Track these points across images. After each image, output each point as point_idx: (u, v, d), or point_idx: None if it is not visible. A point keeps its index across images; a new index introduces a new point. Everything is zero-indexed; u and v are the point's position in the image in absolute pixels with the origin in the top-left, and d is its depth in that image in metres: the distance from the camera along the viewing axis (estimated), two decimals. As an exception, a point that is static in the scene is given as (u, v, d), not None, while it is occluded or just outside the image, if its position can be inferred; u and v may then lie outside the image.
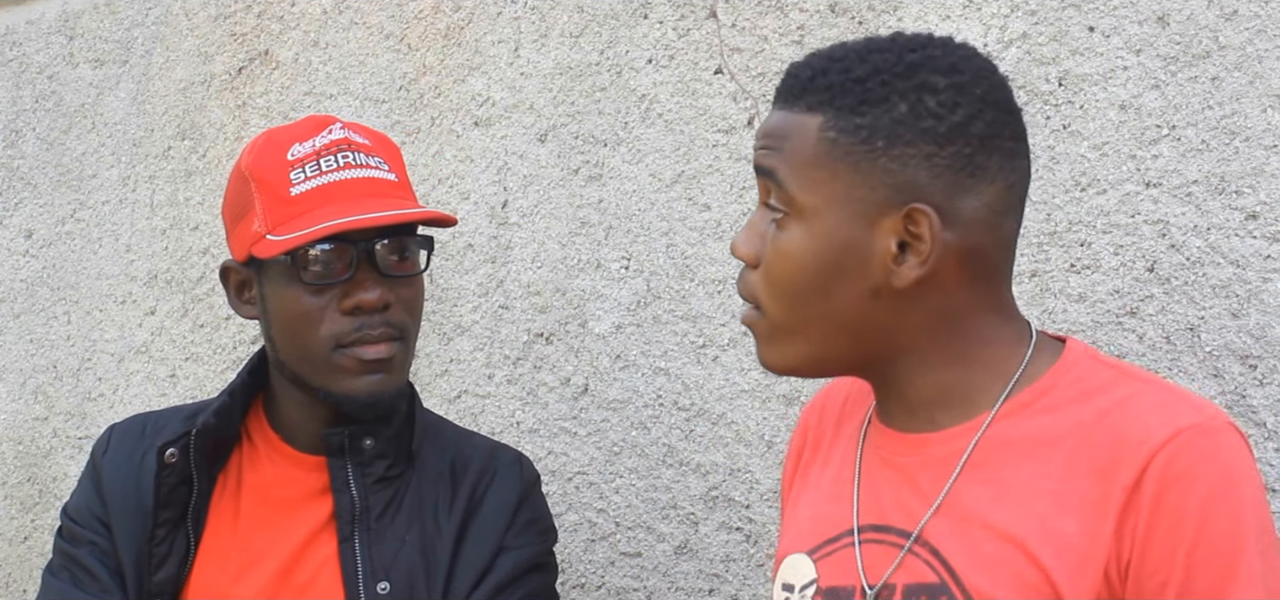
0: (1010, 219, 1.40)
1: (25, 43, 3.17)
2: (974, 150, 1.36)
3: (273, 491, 1.88)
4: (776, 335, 1.42)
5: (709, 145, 2.17)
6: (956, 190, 1.36)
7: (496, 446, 2.01)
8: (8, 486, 3.10)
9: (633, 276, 2.25)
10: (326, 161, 1.82)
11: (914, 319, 1.39)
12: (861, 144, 1.36)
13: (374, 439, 1.86)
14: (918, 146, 1.35)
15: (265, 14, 2.75)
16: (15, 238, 3.14)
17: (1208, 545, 1.28)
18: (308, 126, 1.88)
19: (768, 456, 2.10)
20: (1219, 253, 1.74)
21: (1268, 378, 1.70)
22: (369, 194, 1.82)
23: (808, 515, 1.52)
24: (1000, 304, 1.41)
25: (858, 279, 1.37)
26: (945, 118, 1.36)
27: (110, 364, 2.93)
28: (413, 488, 1.89)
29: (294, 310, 1.82)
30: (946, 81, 1.37)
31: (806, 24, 2.09)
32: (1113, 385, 1.36)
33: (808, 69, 1.42)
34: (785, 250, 1.39)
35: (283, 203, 1.81)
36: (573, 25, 2.34)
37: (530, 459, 2.02)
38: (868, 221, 1.36)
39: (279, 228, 1.80)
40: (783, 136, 1.41)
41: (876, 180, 1.36)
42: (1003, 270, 1.42)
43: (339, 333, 1.81)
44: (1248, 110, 1.73)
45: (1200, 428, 1.31)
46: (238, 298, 1.89)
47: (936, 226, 1.35)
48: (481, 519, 1.90)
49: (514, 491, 1.93)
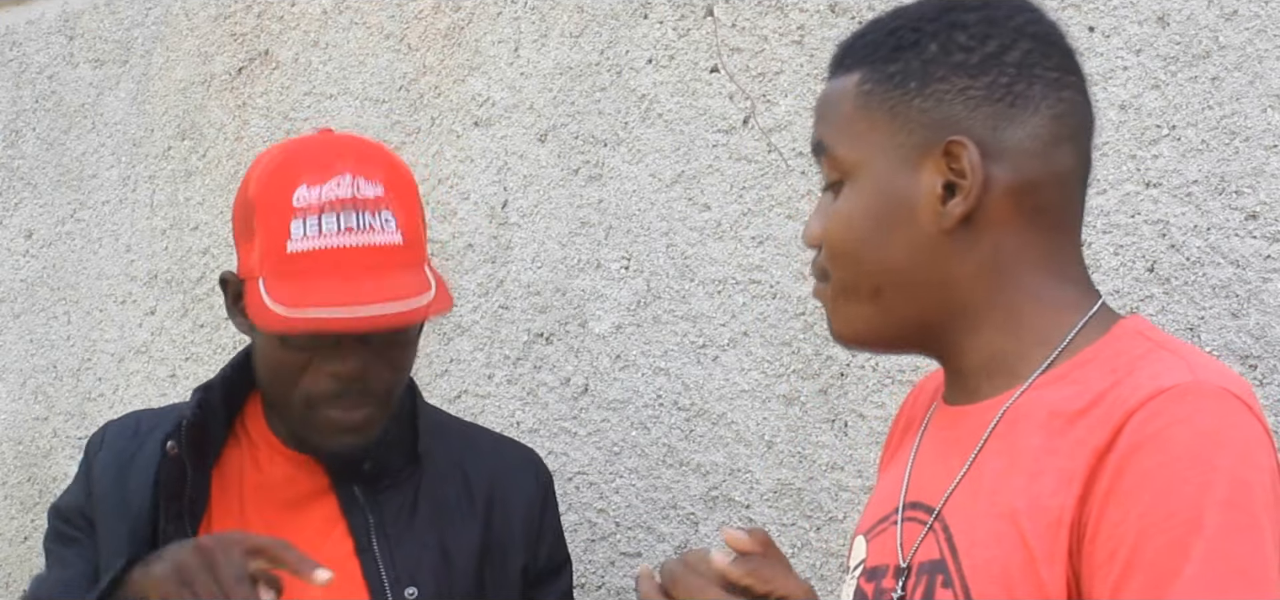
0: (1064, 152, 1.35)
1: (25, 43, 3.17)
2: (1011, 79, 1.33)
3: (277, 492, 1.87)
4: (841, 302, 1.41)
5: (709, 145, 2.17)
6: (998, 121, 1.33)
7: (506, 444, 2.00)
8: (8, 486, 3.10)
9: (633, 276, 2.26)
10: (328, 221, 1.75)
11: (967, 268, 1.35)
12: (896, 89, 1.36)
13: (372, 461, 1.85)
14: (951, 81, 1.34)
15: (265, 14, 2.75)
16: (15, 238, 3.14)
17: (1163, 513, 1.19)
18: (320, 162, 1.79)
19: (768, 456, 2.10)
20: (1219, 253, 1.74)
21: (1268, 378, 1.70)
22: (368, 267, 1.75)
23: (875, 497, 1.52)
24: (1058, 259, 1.36)
25: (909, 227, 1.35)
26: (976, 49, 1.34)
27: (110, 364, 2.93)
28: (426, 488, 1.88)
29: (274, 359, 1.80)
30: (977, 16, 1.36)
31: (806, 24, 2.09)
32: (1138, 358, 1.29)
33: (850, 38, 1.43)
34: (842, 212, 1.38)
35: (278, 256, 1.75)
36: (573, 25, 2.34)
37: (540, 456, 2.02)
38: (911, 166, 1.35)
39: (273, 279, 1.75)
40: (827, 105, 1.42)
41: (914, 122, 1.35)
42: (1063, 215, 1.36)
43: (315, 393, 1.78)
44: (1248, 110, 1.73)
45: (1183, 388, 1.23)
46: (233, 305, 1.86)
47: (975, 157, 1.32)
48: (504, 527, 1.90)
49: (537, 498, 1.94)
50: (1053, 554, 1.25)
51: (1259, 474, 1.22)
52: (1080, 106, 1.37)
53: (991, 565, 1.29)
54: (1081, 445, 1.26)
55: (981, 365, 1.38)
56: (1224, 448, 1.21)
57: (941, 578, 1.33)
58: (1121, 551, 1.21)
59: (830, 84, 1.43)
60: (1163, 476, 1.21)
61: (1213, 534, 1.19)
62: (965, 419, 1.39)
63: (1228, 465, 1.21)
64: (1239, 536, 1.19)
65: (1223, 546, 1.19)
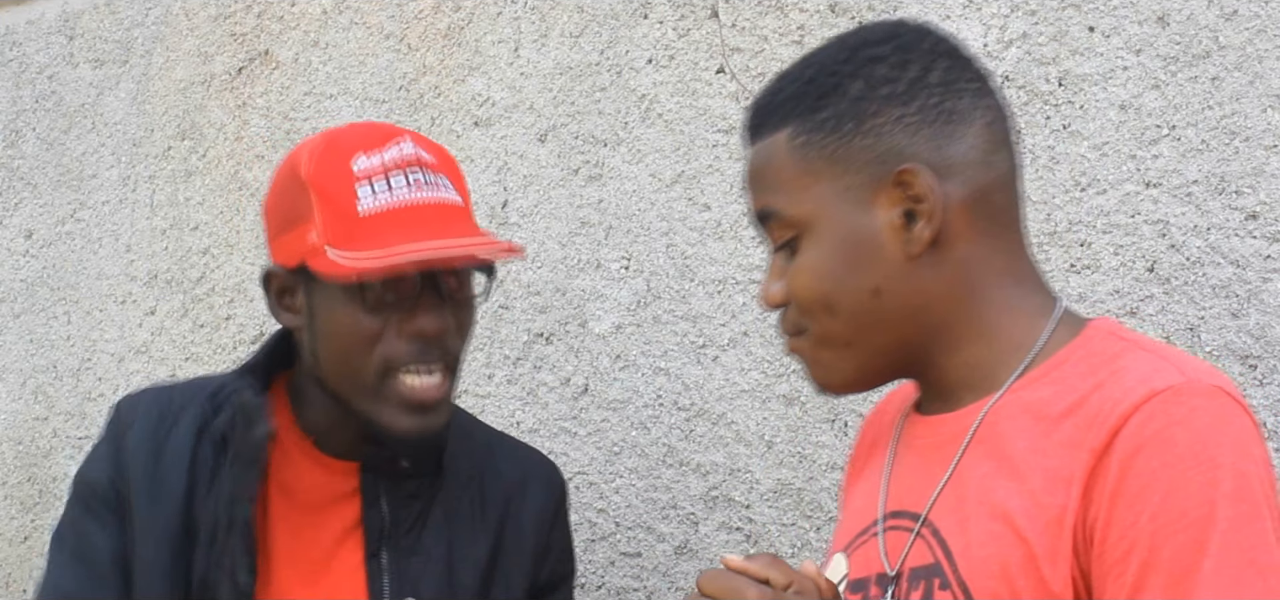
0: (1001, 156, 1.39)
1: (25, 43, 3.17)
2: (940, 98, 1.37)
3: (300, 496, 1.84)
4: (822, 352, 1.42)
5: (709, 145, 2.17)
6: (939, 140, 1.37)
7: (525, 454, 1.97)
8: (8, 486, 3.10)
9: (633, 276, 2.26)
10: (396, 180, 1.75)
11: (938, 288, 1.38)
12: (831, 134, 1.38)
13: (412, 461, 1.83)
14: (885, 114, 1.37)
15: (265, 14, 2.75)
16: (15, 238, 3.15)
17: (1176, 513, 1.23)
18: (374, 135, 1.79)
19: (768, 456, 2.10)
20: (1219, 253, 1.74)
21: (1268, 378, 1.70)
22: (440, 221, 1.75)
23: (848, 514, 1.53)
24: (1017, 263, 1.40)
25: (878, 262, 1.38)
26: (900, 78, 1.37)
27: (110, 364, 2.93)
28: (441, 500, 1.85)
29: (349, 329, 1.75)
30: (890, 47, 1.39)
31: (806, 24, 2.09)
32: (1118, 356, 1.32)
33: (759, 99, 1.45)
34: (805, 267, 1.40)
35: (349, 220, 1.73)
36: (573, 25, 2.34)
37: (558, 467, 1.99)
38: (865, 205, 1.37)
39: (345, 245, 1.72)
40: (761, 170, 1.43)
41: (857, 161, 1.37)
42: (1012, 216, 1.41)
43: (394, 356, 1.74)
44: (1248, 110, 1.73)
45: (1178, 389, 1.26)
46: (278, 303, 1.81)
47: (931, 179, 1.35)
48: (514, 541, 1.88)
49: (548, 513, 1.92)
50: (1055, 553, 1.27)
51: (1255, 467, 1.26)
52: (999, 110, 1.41)
53: (990, 563, 1.30)
54: (1074, 446, 1.29)
55: (962, 379, 1.40)
56: (1223, 444, 1.24)
57: (938, 581, 1.34)
58: (1137, 552, 1.24)
59: (756, 149, 1.43)
60: (1169, 476, 1.23)
61: (1225, 528, 1.22)
62: (944, 426, 1.41)
63: (1229, 461, 1.24)
64: (1247, 527, 1.23)
65: (1235, 539, 1.22)
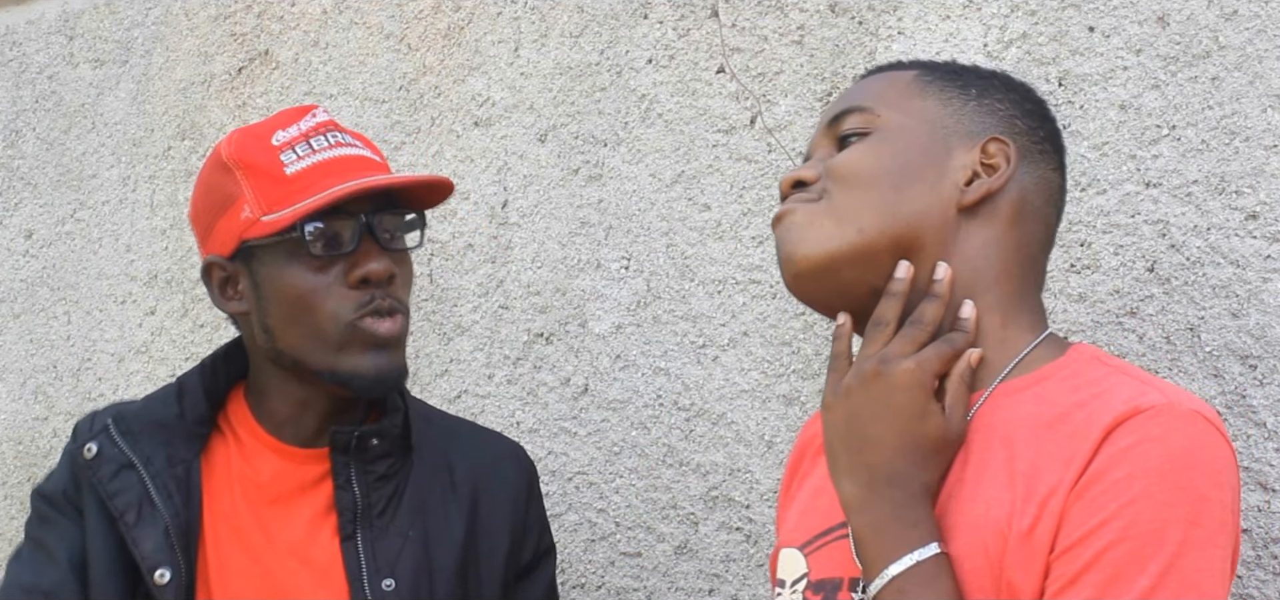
0: (1052, 212, 1.49)
1: (25, 43, 3.17)
2: (1043, 136, 1.48)
3: (269, 489, 1.87)
4: (815, 212, 1.45)
5: (709, 145, 2.17)
6: (1026, 152, 1.46)
7: (489, 437, 2.02)
8: (8, 486, 3.10)
9: (633, 276, 2.26)
10: (317, 141, 1.83)
11: (959, 245, 1.42)
12: (953, 86, 1.47)
13: (380, 437, 1.86)
14: (1005, 104, 1.47)
15: (265, 14, 2.75)
16: (15, 238, 3.15)
17: (1128, 522, 1.25)
18: (285, 116, 1.88)
19: (768, 456, 2.10)
20: (1219, 253, 1.74)
21: (1268, 378, 1.70)
22: (365, 168, 1.83)
23: (799, 511, 1.54)
24: (1023, 291, 1.45)
25: (930, 186, 1.43)
26: (1024, 102, 1.50)
27: (110, 364, 2.93)
28: (412, 482, 1.89)
29: (297, 289, 1.81)
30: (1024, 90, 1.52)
31: (806, 24, 2.09)
32: (1102, 380, 1.35)
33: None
34: (865, 149, 1.45)
35: (277, 183, 1.80)
36: (573, 25, 2.34)
37: (523, 448, 2.03)
38: (948, 145, 1.45)
39: (279, 205, 1.79)
40: (873, 82, 1.51)
41: (963, 113, 1.46)
42: (1039, 252, 1.48)
43: (345, 308, 1.80)
44: (1248, 110, 1.73)
45: (1159, 409, 1.29)
46: (222, 294, 1.87)
47: (1014, 157, 1.44)
48: (490, 520, 1.91)
49: (522, 491, 1.96)
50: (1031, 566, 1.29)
51: (1223, 493, 1.28)
52: (1063, 190, 1.52)
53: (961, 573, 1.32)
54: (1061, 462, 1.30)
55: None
56: (1193, 467, 1.27)
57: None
58: (1084, 549, 1.26)
59: (879, 73, 1.52)
60: (1132, 487, 1.26)
61: (1173, 550, 1.24)
62: None
63: (1194, 484, 1.26)
64: (1195, 552, 1.25)
65: (1180, 562, 1.24)
